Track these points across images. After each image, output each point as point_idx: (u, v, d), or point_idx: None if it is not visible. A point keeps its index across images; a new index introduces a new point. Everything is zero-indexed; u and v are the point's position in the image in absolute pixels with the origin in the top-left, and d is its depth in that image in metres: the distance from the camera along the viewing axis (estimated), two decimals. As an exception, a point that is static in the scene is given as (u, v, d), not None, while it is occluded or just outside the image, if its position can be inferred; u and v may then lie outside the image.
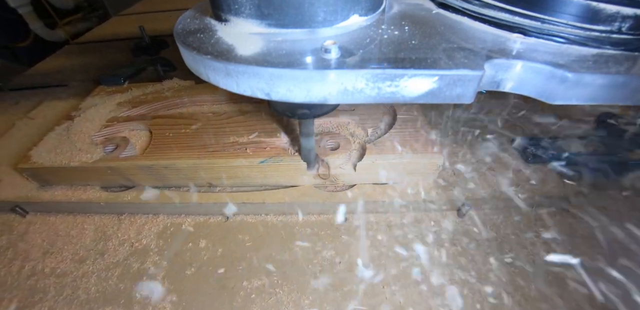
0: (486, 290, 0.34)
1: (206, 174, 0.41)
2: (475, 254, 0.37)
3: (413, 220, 0.41)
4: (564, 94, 0.20)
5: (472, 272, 0.36)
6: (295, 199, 0.40)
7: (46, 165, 0.43)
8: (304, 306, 0.35)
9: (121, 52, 0.85)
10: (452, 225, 0.40)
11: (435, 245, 0.38)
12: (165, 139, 0.44)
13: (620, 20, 0.21)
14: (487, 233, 0.39)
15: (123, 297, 0.37)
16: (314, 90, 0.20)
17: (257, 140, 0.41)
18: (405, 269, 0.37)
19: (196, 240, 0.41)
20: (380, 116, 0.45)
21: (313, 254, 0.39)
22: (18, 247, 0.43)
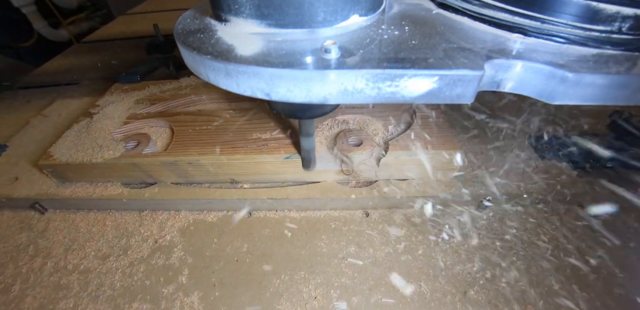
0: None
1: (229, 170, 0.41)
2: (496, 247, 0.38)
3: (433, 215, 0.41)
4: (564, 94, 0.20)
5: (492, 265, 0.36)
6: (318, 195, 0.40)
7: (68, 162, 0.42)
8: (333, 299, 0.35)
9: (130, 51, 0.85)
10: (472, 219, 0.41)
11: (458, 238, 0.39)
12: (187, 135, 0.43)
13: (620, 21, 0.21)
14: (506, 227, 0.40)
15: (150, 293, 0.36)
16: (314, 90, 0.20)
17: (280, 137, 0.41)
18: (429, 261, 0.37)
19: (220, 236, 0.41)
20: (400, 113, 0.45)
21: (338, 249, 0.39)
22: (39, 244, 0.43)
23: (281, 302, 0.35)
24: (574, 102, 0.21)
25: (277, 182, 0.44)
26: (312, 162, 0.39)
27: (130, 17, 1.09)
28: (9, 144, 0.55)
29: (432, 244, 0.38)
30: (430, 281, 0.35)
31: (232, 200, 0.41)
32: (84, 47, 0.92)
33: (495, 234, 0.39)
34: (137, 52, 0.82)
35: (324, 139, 0.43)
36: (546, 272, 0.36)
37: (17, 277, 0.40)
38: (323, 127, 0.43)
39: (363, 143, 0.40)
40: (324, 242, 0.39)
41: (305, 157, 0.39)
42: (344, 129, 0.43)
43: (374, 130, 0.43)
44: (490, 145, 0.46)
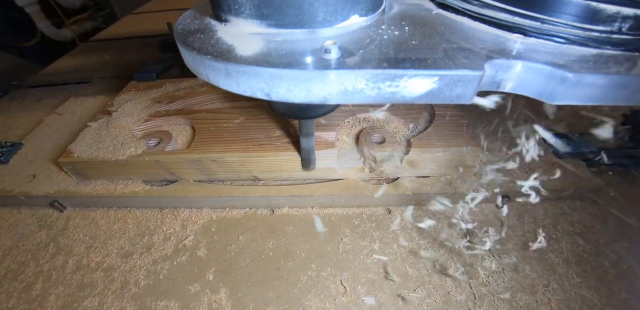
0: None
1: (253, 167, 0.41)
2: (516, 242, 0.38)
3: (455, 211, 0.41)
4: (564, 94, 0.20)
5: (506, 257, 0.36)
6: (342, 192, 0.40)
7: (89, 159, 0.41)
8: (360, 294, 0.34)
9: (140, 50, 0.84)
10: (492, 215, 0.41)
11: (479, 235, 0.39)
12: (209, 133, 0.43)
13: (620, 21, 0.21)
14: (524, 223, 0.40)
15: (176, 291, 0.36)
16: (314, 91, 0.20)
17: (304, 134, 0.41)
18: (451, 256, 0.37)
19: (245, 234, 0.40)
20: (419, 112, 0.45)
21: (362, 245, 0.38)
22: (59, 242, 0.42)
23: (309, 298, 0.34)
24: (574, 102, 0.21)
25: (299, 180, 0.43)
26: (312, 162, 0.39)
27: (137, 17, 1.08)
28: (24, 142, 0.54)
29: (454, 239, 0.38)
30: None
31: (256, 197, 0.41)
32: (92, 46, 0.91)
33: (514, 230, 0.39)
34: (147, 50, 0.81)
35: (346, 137, 0.43)
36: (564, 265, 0.36)
37: (38, 276, 0.39)
38: (344, 125, 0.43)
39: (386, 141, 0.40)
40: (348, 238, 0.39)
41: (305, 157, 0.38)
42: (366, 127, 0.42)
43: (394, 128, 0.43)
44: (505, 142, 0.46)
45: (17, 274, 0.39)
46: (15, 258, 0.41)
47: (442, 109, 0.44)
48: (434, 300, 0.34)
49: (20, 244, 0.43)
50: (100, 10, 1.61)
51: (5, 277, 0.39)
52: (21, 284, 0.39)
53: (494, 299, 0.34)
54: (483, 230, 0.39)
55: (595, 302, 0.34)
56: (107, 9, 1.61)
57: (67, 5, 1.45)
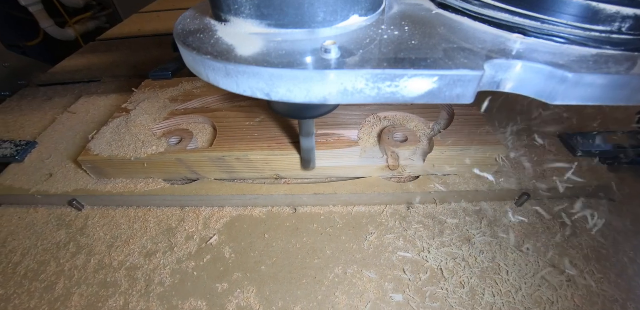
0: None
1: (276, 165, 0.40)
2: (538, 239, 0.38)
3: (477, 209, 0.41)
4: (564, 94, 0.20)
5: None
6: (365, 190, 0.40)
7: (110, 158, 0.40)
8: (388, 291, 0.34)
9: (151, 49, 0.82)
10: (513, 213, 0.41)
11: (499, 232, 0.39)
12: (231, 131, 0.42)
13: (620, 21, 0.20)
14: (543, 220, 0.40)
15: (203, 290, 0.35)
16: (314, 91, 0.20)
17: (327, 133, 0.41)
18: (480, 254, 0.37)
19: (269, 232, 0.39)
20: (439, 110, 0.45)
21: (387, 243, 0.38)
22: (80, 242, 0.41)
23: (337, 295, 0.34)
24: (574, 102, 0.21)
25: (320, 178, 0.43)
26: (311, 163, 0.39)
27: (144, 16, 1.07)
28: (38, 140, 0.52)
29: (476, 236, 0.38)
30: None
31: (279, 195, 0.40)
32: (100, 45, 0.89)
33: (534, 228, 0.39)
34: (157, 50, 0.80)
35: (366, 136, 0.42)
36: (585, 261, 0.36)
37: (60, 275, 0.38)
38: (365, 124, 0.43)
39: (408, 139, 0.40)
40: (373, 236, 0.39)
41: (305, 157, 0.38)
42: (388, 126, 0.42)
43: (415, 126, 0.43)
44: (522, 141, 0.46)
45: (38, 274, 0.38)
46: (34, 258, 0.40)
47: (462, 108, 0.44)
48: (459, 296, 0.34)
49: (39, 244, 0.41)
50: (103, 9, 1.58)
51: (26, 277, 0.38)
52: (42, 283, 0.37)
53: (516, 296, 0.33)
54: (504, 226, 0.39)
55: (617, 297, 0.34)
56: (110, 9, 1.59)
57: (70, 4, 1.42)
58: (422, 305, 0.33)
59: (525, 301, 0.33)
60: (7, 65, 0.70)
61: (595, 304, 0.33)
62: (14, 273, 0.39)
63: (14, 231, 0.43)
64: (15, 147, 0.50)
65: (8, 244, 0.42)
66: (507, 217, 0.40)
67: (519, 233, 0.39)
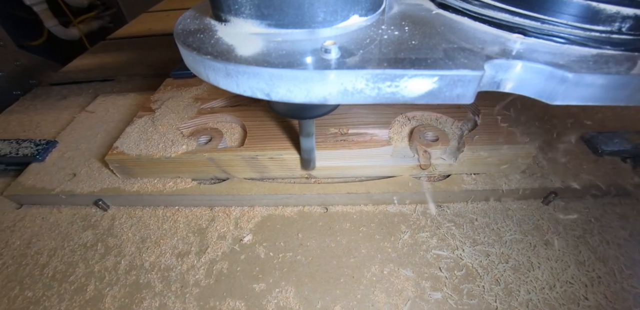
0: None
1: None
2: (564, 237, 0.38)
3: (506, 208, 0.40)
4: (564, 94, 0.20)
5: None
6: (397, 189, 0.39)
7: (139, 157, 0.39)
8: (426, 289, 0.33)
9: (161, 48, 0.80)
10: (540, 211, 0.40)
11: (531, 229, 0.38)
12: (261, 130, 0.41)
13: (620, 21, 0.20)
14: (572, 218, 0.40)
15: (240, 290, 0.34)
16: (314, 91, 0.20)
17: (359, 132, 0.40)
18: (512, 252, 0.36)
19: (302, 232, 0.39)
20: (466, 110, 0.44)
21: (421, 241, 0.37)
22: (108, 242, 0.39)
23: (376, 293, 0.33)
24: (574, 102, 0.20)
25: (350, 177, 0.42)
26: (311, 163, 0.38)
27: (153, 15, 1.04)
28: (58, 140, 0.50)
29: (507, 235, 0.38)
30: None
31: (312, 195, 0.39)
32: (110, 44, 0.87)
33: (564, 227, 0.39)
34: (170, 49, 0.78)
35: (396, 135, 0.42)
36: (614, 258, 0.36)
37: (90, 277, 0.36)
38: (394, 124, 0.42)
39: (440, 138, 0.39)
40: (406, 235, 0.38)
41: (305, 157, 0.37)
42: (418, 125, 0.41)
43: (442, 126, 0.42)
44: (546, 141, 0.46)
45: (67, 275, 0.37)
46: (62, 259, 0.38)
47: (487, 108, 0.43)
48: (496, 293, 0.33)
49: (65, 244, 0.40)
50: (107, 9, 1.55)
51: (54, 278, 0.37)
52: (72, 285, 0.36)
53: (550, 292, 0.33)
54: (533, 224, 0.39)
55: (646, 293, 0.34)
56: (114, 8, 1.55)
57: (74, 4, 1.39)
58: (460, 302, 0.33)
59: (559, 297, 0.33)
60: (19, 64, 0.68)
61: (627, 299, 0.33)
62: (42, 275, 0.37)
63: (38, 232, 0.42)
64: (36, 146, 0.48)
65: (33, 245, 0.40)
66: (535, 215, 0.40)
67: (547, 230, 0.38)
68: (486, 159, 0.39)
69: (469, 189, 0.39)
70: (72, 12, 1.39)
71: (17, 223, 0.43)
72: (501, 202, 0.41)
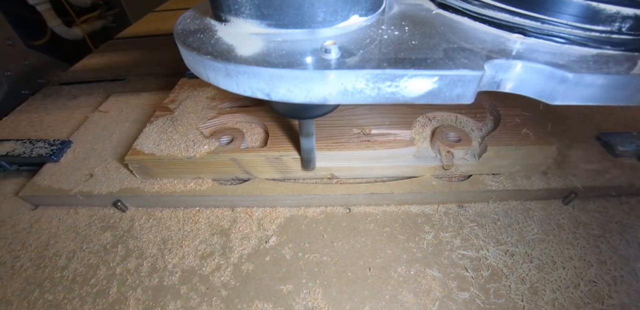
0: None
1: (332, 164, 0.38)
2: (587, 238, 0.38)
3: (527, 207, 0.40)
4: (564, 94, 0.20)
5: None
6: (421, 189, 0.38)
7: (160, 157, 0.38)
8: (453, 289, 0.33)
9: (170, 47, 0.79)
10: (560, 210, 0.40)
11: (553, 229, 0.38)
12: (282, 130, 0.40)
13: (620, 21, 0.20)
14: (593, 218, 0.40)
15: (267, 292, 0.33)
16: (314, 91, 0.19)
17: (382, 132, 0.39)
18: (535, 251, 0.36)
19: (327, 232, 0.38)
20: (485, 111, 0.44)
21: (445, 242, 0.37)
22: (128, 244, 0.38)
23: (404, 294, 0.33)
24: (575, 102, 0.20)
25: (373, 177, 0.41)
26: (311, 163, 0.37)
27: (160, 14, 1.03)
28: (72, 139, 0.49)
29: (530, 234, 0.38)
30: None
31: (335, 195, 0.38)
32: (118, 43, 0.85)
33: (584, 226, 0.39)
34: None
35: (418, 135, 0.41)
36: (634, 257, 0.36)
37: (112, 279, 0.35)
38: (415, 124, 0.42)
39: (462, 139, 0.39)
40: (430, 235, 0.37)
41: (305, 157, 0.36)
42: (440, 126, 0.41)
43: (463, 126, 0.42)
44: (563, 141, 0.46)
45: (88, 278, 0.36)
46: (81, 261, 0.37)
47: (507, 109, 0.43)
48: (522, 292, 0.33)
49: (84, 246, 0.38)
50: (110, 9, 1.52)
51: (74, 281, 0.35)
52: (94, 288, 0.35)
53: (575, 291, 0.33)
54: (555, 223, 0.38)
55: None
56: (117, 8, 1.53)
57: (77, 4, 1.36)
58: (488, 302, 0.32)
59: (584, 296, 0.33)
60: (27, 63, 0.66)
61: (649, 298, 0.33)
62: (62, 277, 0.36)
63: (55, 233, 0.40)
64: (50, 147, 0.46)
65: (51, 247, 0.39)
66: (556, 215, 0.40)
67: (569, 230, 0.38)
68: (507, 160, 0.39)
69: (490, 189, 0.39)
70: (75, 12, 1.36)
71: (33, 224, 0.41)
72: (522, 202, 0.41)
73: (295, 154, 0.37)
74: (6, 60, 0.61)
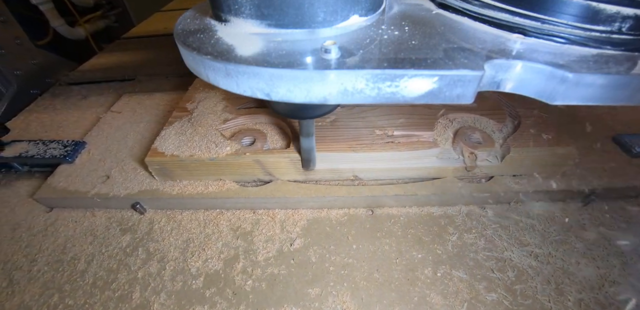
0: None
1: (356, 166, 0.38)
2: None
3: (549, 209, 0.40)
4: (565, 94, 0.20)
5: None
6: (445, 191, 0.38)
7: (182, 159, 0.36)
8: (480, 290, 0.32)
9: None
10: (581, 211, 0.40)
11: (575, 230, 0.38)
12: (305, 131, 0.39)
13: (620, 21, 0.20)
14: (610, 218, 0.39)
15: (295, 296, 0.32)
16: (314, 91, 0.19)
17: (405, 134, 0.38)
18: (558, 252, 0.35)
19: (351, 234, 0.37)
20: (505, 112, 0.43)
21: (470, 243, 0.36)
22: (149, 247, 0.37)
23: (432, 296, 0.32)
24: (575, 102, 0.20)
25: (395, 179, 0.41)
26: (312, 163, 0.37)
27: (167, 14, 1.01)
28: (86, 140, 0.47)
29: (552, 235, 0.37)
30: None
31: (360, 197, 0.37)
32: (127, 43, 0.83)
33: (604, 225, 0.39)
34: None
35: (439, 137, 0.40)
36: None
37: (134, 283, 0.34)
38: (437, 126, 0.41)
39: (485, 140, 0.38)
40: (454, 236, 0.37)
41: (305, 157, 0.36)
42: (462, 127, 0.40)
43: (486, 128, 0.41)
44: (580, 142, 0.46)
45: (109, 282, 0.34)
46: (101, 265, 0.36)
47: (526, 110, 0.43)
48: (548, 293, 0.32)
49: (103, 250, 0.37)
50: (113, 8, 1.49)
51: (95, 285, 0.34)
52: (115, 292, 0.33)
53: (600, 292, 0.32)
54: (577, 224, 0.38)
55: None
56: (120, 8, 1.50)
57: (80, 3, 1.33)
58: (515, 303, 0.32)
59: (609, 297, 0.33)
60: (36, 62, 0.64)
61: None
62: (82, 282, 0.34)
63: (72, 236, 0.39)
64: (64, 148, 0.45)
65: (68, 250, 0.37)
66: (576, 215, 0.39)
67: (590, 231, 0.38)
68: (528, 161, 0.38)
69: (512, 191, 0.39)
70: (77, 12, 1.33)
71: (49, 227, 0.40)
72: (543, 203, 0.40)
73: (321, 156, 0.36)
74: (15, 59, 0.59)
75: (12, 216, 0.41)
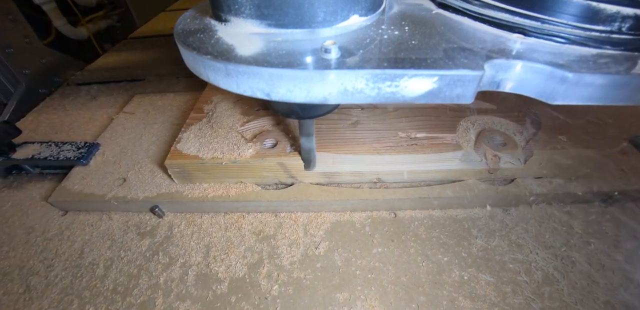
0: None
1: (379, 168, 0.37)
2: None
3: (570, 211, 0.39)
4: (564, 94, 0.19)
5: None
6: (468, 193, 0.37)
7: (204, 161, 0.35)
8: (507, 293, 0.32)
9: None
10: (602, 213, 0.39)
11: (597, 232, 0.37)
12: (326, 133, 0.38)
13: (620, 21, 0.20)
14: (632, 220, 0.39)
15: (323, 300, 0.31)
16: (314, 91, 0.19)
17: (428, 136, 0.38)
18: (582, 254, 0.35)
19: (375, 237, 0.36)
20: (524, 114, 0.43)
21: (494, 246, 0.36)
22: (170, 252, 0.36)
23: (460, 299, 0.31)
24: (575, 102, 0.20)
25: (417, 181, 0.40)
26: (312, 163, 0.36)
27: (173, 14, 0.99)
28: (99, 142, 0.46)
29: (575, 237, 0.37)
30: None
31: (383, 200, 0.36)
32: (134, 42, 0.82)
33: (625, 227, 0.38)
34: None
35: (461, 139, 0.40)
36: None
37: (156, 289, 0.33)
38: (459, 128, 0.40)
39: (508, 143, 0.38)
40: (479, 239, 0.36)
41: (305, 157, 0.35)
42: (484, 129, 0.40)
43: (507, 130, 0.41)
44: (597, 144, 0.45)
45: (130, 288, 0.33)
46: (121, 270, 0.34)
47: (544, 112, 0.42)
48: (575, 295, 0.32)
49: (122, 254, 0.36)
50: (115, 8, 1.46)
51: (116, 291, 0.33)
52: (137, 299, 0.32)
53: (625, 293, 0.32)
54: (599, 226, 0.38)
55: None
56: (122, 8, 1.47)
57: (83, 3, 1.30)
58: (542, 306, 0.31)
59: (635, 299, 0.32)
60: (44, 61, 0.62)
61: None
62: (102, 287, 0.33)
63: (89, 240, 0.37)
64: (78, 149, 0.43)
65: (86, 255, 0.36)
66: (598, 217, 0.39)
67: (612, 233, 0.37)
68: (551, 163, 0.38)
69: (534, 193, 0.38)
70: (80, 12, 1.30)
71: (64, 231, 0.38)
72: (565, 205, 0.40)
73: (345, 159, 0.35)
74: (24, 58, 0.57)
75: (25, 220, 0.40)
